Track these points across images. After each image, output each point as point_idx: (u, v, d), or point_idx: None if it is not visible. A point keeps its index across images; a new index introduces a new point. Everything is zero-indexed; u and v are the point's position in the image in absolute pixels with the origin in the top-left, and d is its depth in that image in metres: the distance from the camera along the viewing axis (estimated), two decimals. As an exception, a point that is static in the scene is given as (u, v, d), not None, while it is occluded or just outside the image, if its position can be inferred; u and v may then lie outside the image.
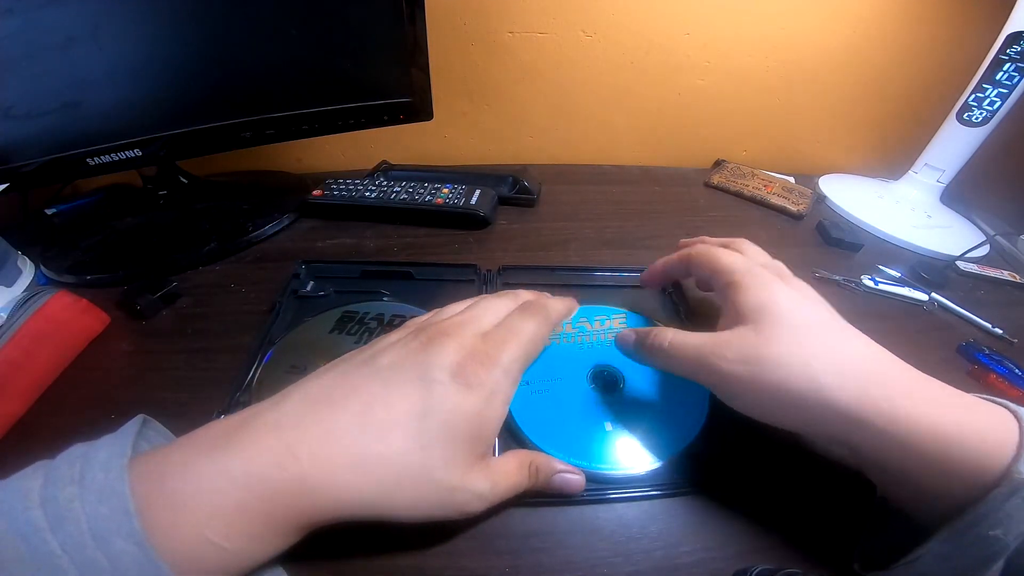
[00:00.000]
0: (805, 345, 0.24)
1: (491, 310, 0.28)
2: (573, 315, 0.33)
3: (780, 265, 0.31)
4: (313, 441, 0.21)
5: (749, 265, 0.29)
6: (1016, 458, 0.20)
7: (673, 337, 0.28)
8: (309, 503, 0.20)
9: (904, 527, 0.23)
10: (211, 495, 0.19)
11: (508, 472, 0.25)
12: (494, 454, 0.27)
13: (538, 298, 0.31)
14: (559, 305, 0.31)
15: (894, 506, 0.25)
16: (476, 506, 0.23)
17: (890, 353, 0.25)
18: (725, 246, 0.34)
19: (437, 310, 0.30)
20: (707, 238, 0.38)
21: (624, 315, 0.38)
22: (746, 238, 0.35)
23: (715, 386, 0.26)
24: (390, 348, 0.25)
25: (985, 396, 0.24)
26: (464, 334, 0.25)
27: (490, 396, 0.24)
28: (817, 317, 0.26)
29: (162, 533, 0.17)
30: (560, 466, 0.27)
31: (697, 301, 0.41)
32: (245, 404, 0.30)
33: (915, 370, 0.24)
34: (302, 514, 0.20)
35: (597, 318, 0.37)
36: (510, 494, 0.25)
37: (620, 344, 0.32)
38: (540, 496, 0.27)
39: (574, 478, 0.27)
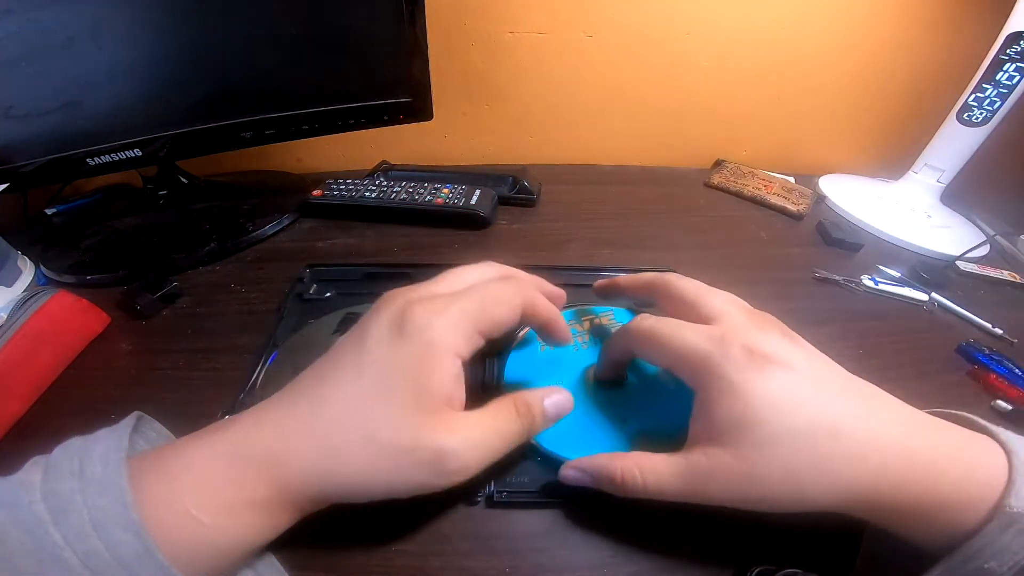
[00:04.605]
0: (789, 463, 0.21)
1: (460, 276, 0.26)
2: (562, 337, 0.28)
3: (761, 321, 0.25)
4: (276, 414, 0.22)
5: (710, 358, 0.23)
6: (1005, 493, 0.19)
7: (647, 482, 0.23)
8: (276, 473, 0.21)
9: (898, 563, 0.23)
10: (196, 468, 0.20)
11: (484, 421, 0.22)
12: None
13: (525, 277, 0.28)
14: (546, 306, 0.26)
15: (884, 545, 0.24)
16: (455, 466, 0.21)
17: (890, 419, 0.22)
18: (648, 286, 0.29)
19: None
20: (622, 280, 0.32)
21: (611, 312, 0.37)
22: (746, 238, 0.33)
23: (702, 502, 0.23)
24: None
25: (968, 418, 0.23)
26: (416, 292, 0.24)
27: (428, 345, 0.22)
28: (802, 421, 0.21)
29: (150, 507, 0.18)
30: (542, 392, 0.24)
31: None
32: (249, 405, 0.30)
33: (913, 431, 0.22)
34: (273, 485, 0.21)
35: (586, 318, 0.37)
36: (501, 446, 0.22)
37: (568, 482, 0.26)
38: (546, 492, 0.26)
39: (561, 396, 0.25)
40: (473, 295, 0.24)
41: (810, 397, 0.22)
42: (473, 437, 0.22)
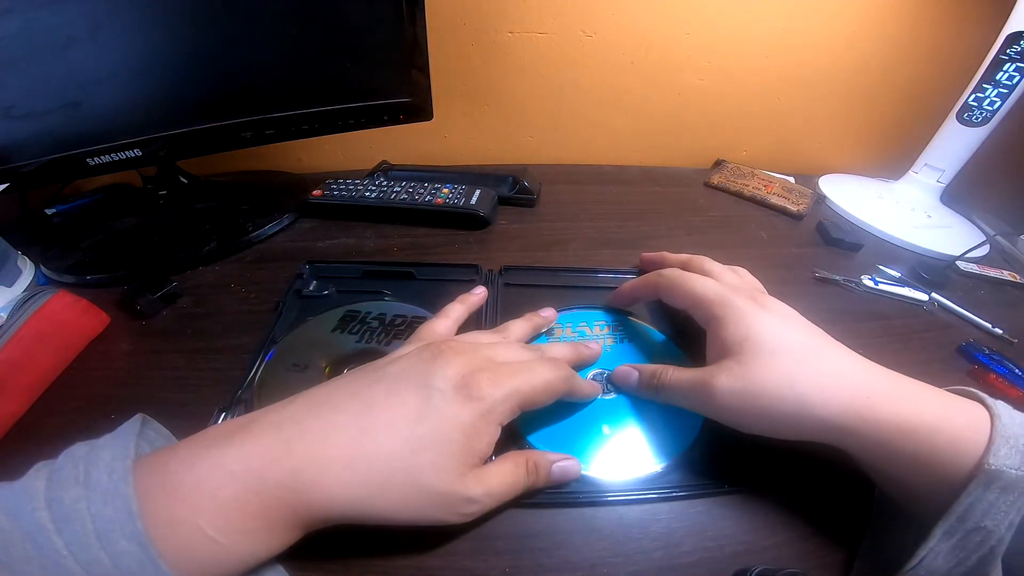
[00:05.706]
0: (787, 370, 0.25)
1: (512, 348, 0.29)
2: (591, 398, 0.31)
3: (753, 283, 0.34)
4: (309, 438, 0.22)
5: (724, 295, 0.29)
6: (986, 452, 0.21)
7: (671, 376, 0.29)
8: (302, 499, 0.21)
9: (898, 541, 0.24)
10: (209, 487, 0.19)
11: (503, 475, 0.25)
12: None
13: (569, 354, 0.32)
14: (584, 384, 0.30)
15: (888, 516, 0.26)
16: (473, 510, 0.24)
17: (869, 362, 0.26)
18: (685, 264, 0.35)
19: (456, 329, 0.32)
20: (668, 255, 0.39)
21: (606, 320, 0.38)
22: (746, 238, 0.35)
23: (713, 415, 0.28)
24: (401, 359, 0.26)
25: (962, 389, 0.25)
26: (476, 355, 0.26)
27: (486, 412, 0.24)
28: (797, 339, 0.27)
29: (162, 525, 0.18)
30: (554, 456, 0.27)
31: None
32: (247, 402, 0.30)
33: (895, 374, 0.25)
34: (295, 510, 0.21)
35: (597, 322, 0.37)
36: (509, 496, 0.25)
37: (619, 382, 0.32)
38: (542, 494, 0.27)
39: (570, 464, 0.27)
40: (528, 379, 0.26)
41: (801, 329, 0.28)
42: (492, 489, 0.24)
